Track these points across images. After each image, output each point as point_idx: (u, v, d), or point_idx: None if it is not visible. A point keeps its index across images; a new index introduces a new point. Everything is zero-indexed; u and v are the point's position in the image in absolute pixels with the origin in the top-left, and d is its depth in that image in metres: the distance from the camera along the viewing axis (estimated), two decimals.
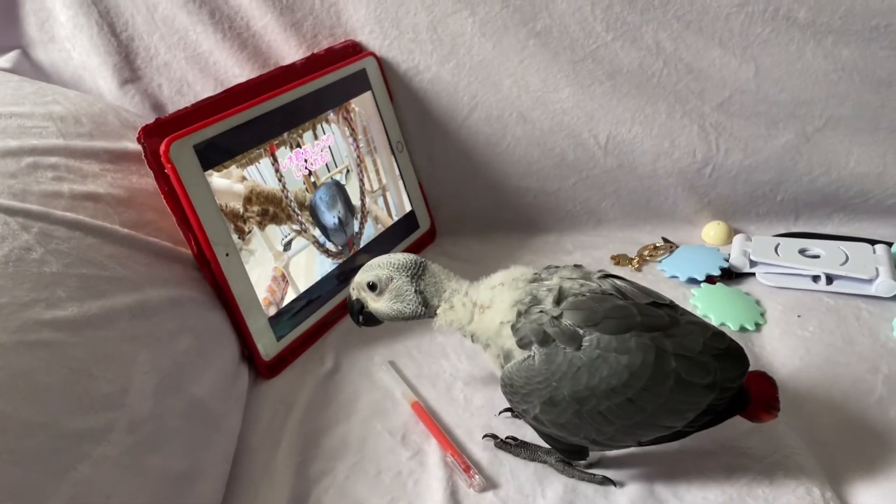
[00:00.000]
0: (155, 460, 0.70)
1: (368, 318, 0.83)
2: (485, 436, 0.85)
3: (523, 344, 0.71)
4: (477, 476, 0.79)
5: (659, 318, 0.70)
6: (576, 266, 0.76)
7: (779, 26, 1.11)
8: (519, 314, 0.72)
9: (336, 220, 1.06)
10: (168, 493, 0.70)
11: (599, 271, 0.75)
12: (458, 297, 0.77)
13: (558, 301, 0.71)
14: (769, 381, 0.76)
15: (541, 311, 0.71)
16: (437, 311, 0.78)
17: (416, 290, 0.78)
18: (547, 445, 0.79)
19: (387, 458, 0.83)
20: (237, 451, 0.84)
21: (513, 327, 0.72)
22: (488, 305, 0.75)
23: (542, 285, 0.73)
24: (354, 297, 0.83)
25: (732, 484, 0.77)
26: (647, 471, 0.79)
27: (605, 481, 0.78)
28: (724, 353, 0.71)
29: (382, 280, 0.79)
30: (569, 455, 0.78)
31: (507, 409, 0.88)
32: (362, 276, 0.81)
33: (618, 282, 0.74)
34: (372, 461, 0.83)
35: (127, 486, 0.65)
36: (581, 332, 0.69)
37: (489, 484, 0.79)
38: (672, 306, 0.73)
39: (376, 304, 0.81)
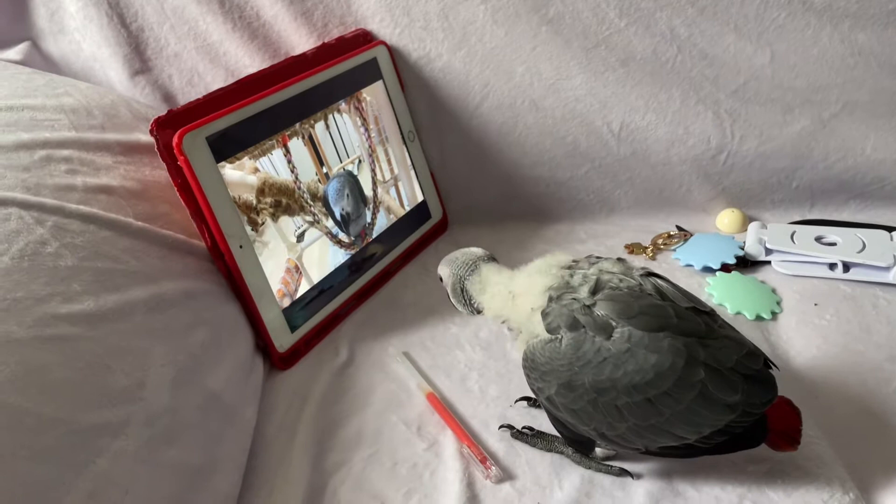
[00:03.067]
0: (172, 453, 0.70)
1: (453, 305, 0.85)
2: (501, 426, 0.84)
3: (552, 329, 0.70)
4: (493, 467, 0.79)
5: (696, 324, 0.69)
6: (618, 259, 0.75)
7: (794, 11, 1.10)
8: (550, 299, 0.71)
9: (340, 216, 1.05)
10: (186, 486, 0.70)
11: (642, 268, 0.74)
12: (500, 288, 0.77)
13: (594, 292, 0.70)
14: (795, 411, 0.74)
15: (573, 299, 0.70)
16: (483, 306, 0.79)
17: (462, 289, 0.81)
18: (562, 437, 0.78)
19: (402, 449, 0.83)
20: (253, 444, 0.84)
21: (543, 313, 0.71)
22: (522, 292, 0.74)
23: (577, 273, 0.72)
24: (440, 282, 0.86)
25: (750, 474, 0.77)
26: (664, 462, 0.79)
27: (623, 473, 0.77)
28: (755, 374, 0.69)
29: (444, 277, 0.83)
30: (574, 446, 0.78)
31: (522, 398, 0.88)
32: (439, 269, 0.84)
33: (659, 282, 0.72)
34: (388, 453, 0.83)
35: (145, 479, 0.65)
36: (613, 323, 0.68)
37: (506, 475, 0.79)
38: (711, 315, 0.72)
39: (448, 293, 0.84)
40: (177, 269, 0.85)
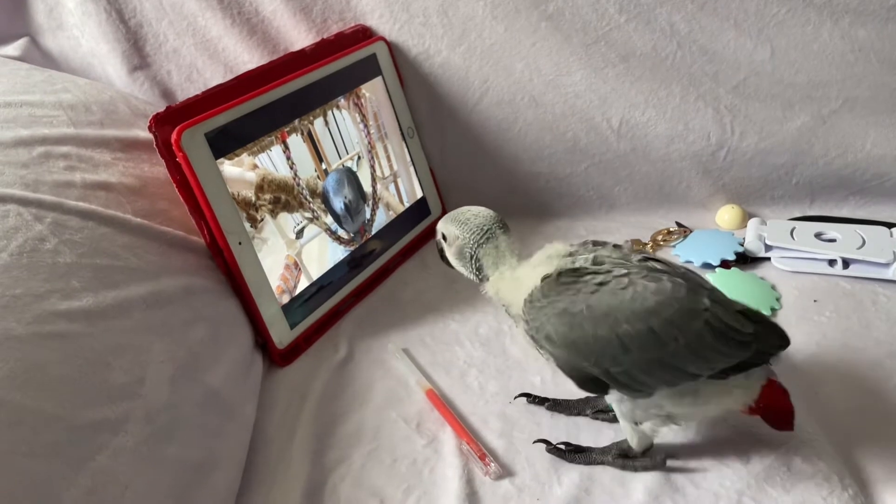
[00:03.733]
0: (171, 450, 0.70)
1: (446, 261, 0.83)
2: (536, 441, 0.82)
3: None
4: (493, 464, 0.79)
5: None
6: (615, 245, 0.75)
7: (795, 7, 1.10)
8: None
9: (342, 205, 1.05)
10: (185, 483, 0.70)
11: (640, 253, 0.74)
12: (509, 273, 0.76)
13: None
14: (786, 394, 0.75)
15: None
16: (489, 281, 0.77)
17: (472, 256, 0.77)
18: (599, 447, 0.79)
19: (402, 445, 0.83)
20: (253, 440, 0.85)
21: (543, 278, 0.72)
22: (525, 279, 0.74)
23: (578, 258, 0.72)
24: (437, 238, 0.83)
25: (749, 471, 0.77)
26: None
27: (663, 462, 0.77)
28: (762, 322, 0.70)
29: (450, 236, 0.79)
30: (587, 387, 0.73)
31: (522, 395, 0.88)
32: (441, 225, 0.81)
33: (657, 265, 0.72)
34: (387, 449, 0.83)
35: (144, 475, 0.65)
36: (611, 269, 0.69)
37: (505, 471, 0.79)
38: (712, 290, 0.72)
39: (448, 252, 0.81)
40: (176, 265, 0.85)
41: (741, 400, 0.74)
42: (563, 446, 0.81)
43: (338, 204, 1.05)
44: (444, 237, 0.81)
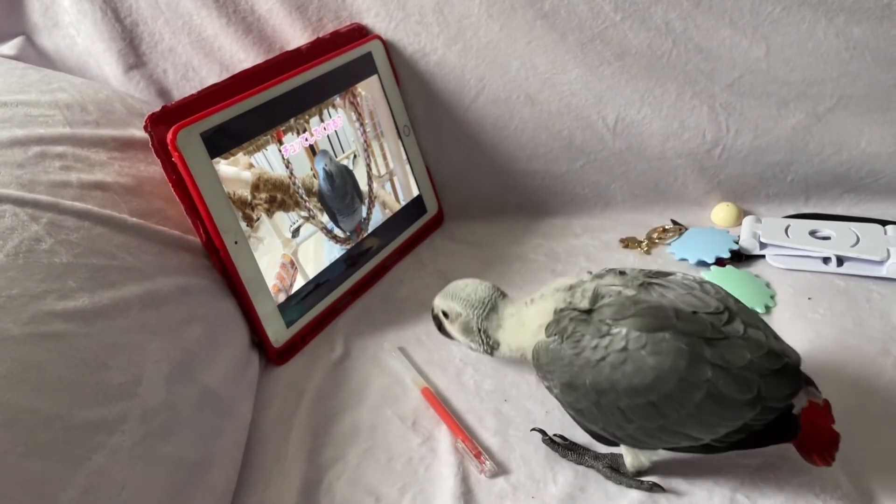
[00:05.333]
0: (168, 449, 0.70)
1: (447, 334, 0.88)
2: (533, 429, 0.83)
3: (552, 334, 0.72)
4: (488, 462, 0.79)
5: (699, 324, 0.67)
6: (621, 273, 0.75)
7: (790, 5, 1.10)
8: (555, 312, 0.73)
9: (323, 171, 1.04)
10: (181, 482, 0.71)
11: (644, 277, 0.73)
12: (513, 321, 0.79)
13: (593, 303, 0.71)
14: (832, 419, 0.71)
15: (573, 309, 0.72)
16: (500, 342, 0.81)
17: (479, 329, 0.82)
18: (594, 451, 0.79)
19: (398, 444, 0.84)
20: (249, 439, 0.85)
21: (547, 328, 0.73)
22: (531, 319, 0.77)
23: (577, 291, 0.74)
24: (434, 313, 0.88)
25: (743, 468, 0.77)
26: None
27: (654, 487, 0.76)
28: (773, 372, 0.66)
29: (453, 313, 0.84)
30: (599, 441, 0.76)
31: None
32: (440, 301, 0.86)
33: (664, 290, 0.70)
34: (383, 447, 0.83)
35: (141, 475, 0.66)
36: (610, 323, 0.68)
37: (500, 469, 0.80)
38: (721, 314, 0.68)
39: (450, 327, 0.86)
40: (172, 265, 0.85)
41: None
42: (559, 439, 0.82)
43: (320, 168, 1.03)
44: (444, 314, 0.85)
